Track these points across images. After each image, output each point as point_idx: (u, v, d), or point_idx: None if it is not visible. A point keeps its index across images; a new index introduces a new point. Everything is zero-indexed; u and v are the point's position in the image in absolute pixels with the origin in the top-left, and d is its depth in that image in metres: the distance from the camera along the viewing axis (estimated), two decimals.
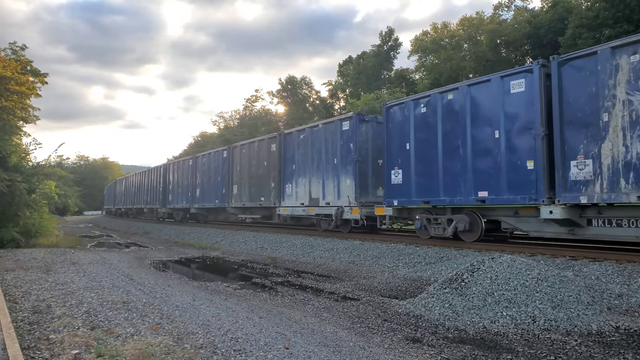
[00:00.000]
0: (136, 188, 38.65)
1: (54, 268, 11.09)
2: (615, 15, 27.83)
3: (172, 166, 30.85)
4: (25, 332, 5.47)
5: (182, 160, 29.58)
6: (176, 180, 29.33)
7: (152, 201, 33.34)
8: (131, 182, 41.27)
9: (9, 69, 17.44)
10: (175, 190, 29.35)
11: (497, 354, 5.06)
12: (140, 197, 36.84)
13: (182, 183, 28.24)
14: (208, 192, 24.66)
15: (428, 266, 10.28)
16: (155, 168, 33.38)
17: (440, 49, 43.61)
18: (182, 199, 28.06)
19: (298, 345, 5.15)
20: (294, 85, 62.14)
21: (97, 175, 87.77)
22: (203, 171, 25.53)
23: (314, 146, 16.48)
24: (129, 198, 41.88)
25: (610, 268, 7.99)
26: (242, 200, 21.18)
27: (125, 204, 43.44)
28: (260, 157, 19.88)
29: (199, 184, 25.93)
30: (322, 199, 15.84)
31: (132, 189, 40.79)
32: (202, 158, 26.19)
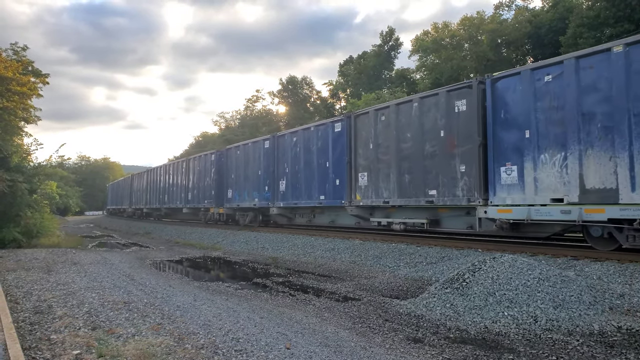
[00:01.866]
0: (167, 183, 31.07)
1: (55, 268, 11.09)
2: (616, 15, 27.80)
3: (234, 152, 22.45)
4: (26, 332, 5.47)
5: (253, 142, 21.04)
6: (241, 171, 21.45)
7: (197, 199, 25.75)
8: (156, 177, 33.60)
9: (10, 70, 17.47)
10: (236, 184, 21.74)
11: (498, 354, 5.05)
12: (175, 194, 29.19)
13: (252, 174, 20.58)
14: (307, 184, 16.74)
15: (429, 266, 10.27)
16: (204, 156, 25.68)
17: (441, 48, 43.59)
18: (252, 195, 20.33)
19: (299, 345, 5.14)
20: (294, 85, 62.16)
21: (99, 175, 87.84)
22: (295, 156, 17.66)
23: None
24: (155, 195, 33.62)
25: (611, 268, 7.98)
26: (381, 195, 13.44)
27: (150, 203, 34.87)
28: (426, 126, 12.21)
29: (287, 172, 18.03)
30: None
31: (159, 185, 32.75)
32: (289, 137, 18.30)
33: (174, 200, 29.51)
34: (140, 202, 37.80)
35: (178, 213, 30.55)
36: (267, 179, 19.16)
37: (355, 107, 34.65)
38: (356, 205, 14.42)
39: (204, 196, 24.81)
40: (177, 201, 28.91)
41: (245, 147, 21.37)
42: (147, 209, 36.48)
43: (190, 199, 26.68)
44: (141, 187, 37.79)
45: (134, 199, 40.21)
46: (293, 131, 18.46)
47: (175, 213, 31.71)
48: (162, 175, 32.26)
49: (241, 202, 21.30)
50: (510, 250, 10.00)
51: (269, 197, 19.02)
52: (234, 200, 21.92)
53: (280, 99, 63.51)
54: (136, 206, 39.35)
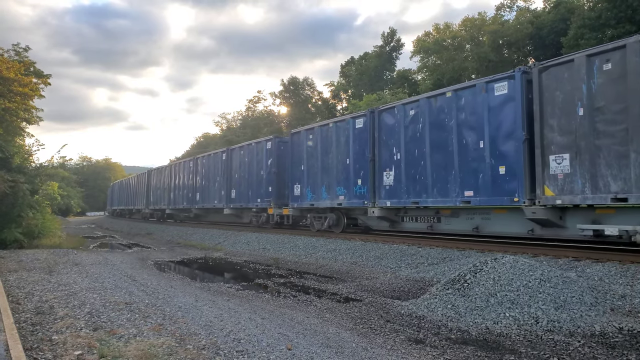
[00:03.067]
0: (199, 179, 26.36)
1: (57, 269, 11.11)
2: (618, 16, 27.79)
3: (304, 137, 17.50)
4: (28, 333, 5.48)
5: (336, 122, 16.09)
6: (316, 161, 16.72)
7: (246, 197, 21.08)
8: (182, 173, 28.87)
9: (12, 71, 17.50)
10: (309, 178, 17.10)
11: (499, 355, 5.04)
12: (212, 192, 24.50)
13: (334, 163, 15.77)
14: (438, 175, 12.08)
15: (430, 267, 10.26)
16: (255, 145, 21.09)
17: (443, 49, 43.60)
18: (335, 190, 15.62)
19: (301, 346, 5.15)
20: (296, 86, 62.23)
21: (100, 176, 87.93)
22: (414, 137, 12.79)
23: None
24: (182, 194, 28.55)
25: (613, 269, 7.97)
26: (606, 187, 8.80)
27: (175, 203, 29.68)
28: None
29: (399, 160, 13.20)
30: None
31: (187, 182, 28.02)
32: (402, 110, 13.21)
33: (209, 199, 24.66)
34: (161, 201, 32.29)
35: (216, 214, 25.95)
36: (362, 170, 14.43)
37: (357, 108, 34.64)
38: (546, 204, 9.52)
39: (257, 194, 20.19)
40: (214, 200, 24.02)
41: (324, 129, 16.43)
42: (171, 210, 30.81)
43: (235, 197, 21.94)
44: (161, 184, 32.53)
45: (153, 199, 34.54)
46: (410, 101, 13.22)
47: (209, 214, 27.12)
48: (191, 170, 27.31)
49: (317, 201, 16.44)
50: (511, 251, 9.99)
51: (363, 193, 14.26)
52: (305, 199, 17.03)
53: (281, 99, 63.60)
54: (156, 206, 33.72)
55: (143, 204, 37.10)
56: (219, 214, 24.87)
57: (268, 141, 20.11)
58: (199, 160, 26.73)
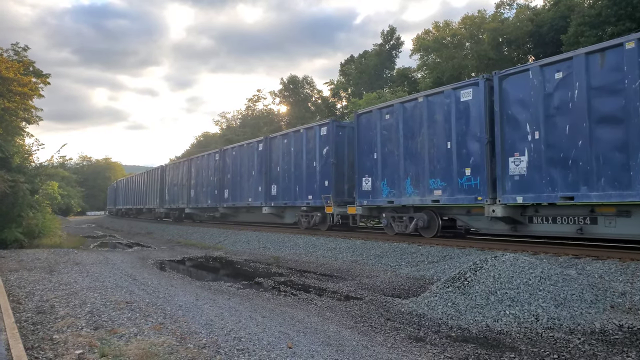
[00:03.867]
0: (228, 174, 23.30)
1: (58, 268, 11.12)
2: (618, 13, 27.77)
3: (375, 118, 14.05)
4: (29, 332, 5.48)
5: (429, 95, 12.59)
6: (395, 147, 13.40)
7: (290, 194, 18.18)
8: (207, 168, 25.67)
9: (11, 70, 17.50)
10: (383, 169, 13.78)
11: (500, 353, 5.05)
12: (246, 188, 21.47)
13: (431, 149, 12.35)
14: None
15: (431, 265, 10.27)
16: (304, 132, 17.80)
17: (442, 47, 43.56)
18: (435, 183, 12.22)
19: (301, 344, 5.15)
20: (295, 84, 62.22)
21: (100, 175, 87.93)
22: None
23: None
24: (207, 191, 25.44)
25: (613, 266, 7.97)
26: None
27: (197, 202, 26.72)
28: None
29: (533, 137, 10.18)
30: None
31: (212, 177, 24.81)
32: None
33: (241, 196, 21.77)
34: (179, 200, 29.18)
35: (249, 214, 22.96)
36: (471, 156, 11.24)
37: (357, 107, 34.68)
38: None
39: (307, 189, 17.16)
40: (248, 198, 21.13)
41: (410, 106, 12.82)
42: (191, 209, 27.68)
43: (277, 193, 18.98)
44: (179, 180, 29.38)
45: (169, 197, 31.15)
46: (558, 60, 9.66)
47: (240, 214, 23.96)
48: (217, 163, 24.37)
49: (397, 197, 12.97)
50: (511, 249, 10.00)
51: (474, 186, 11.11)
52: (378, 194, 13.66)
53: (281, 98, 63.58)
54: (172, 205, 30.41)
55: (156, 202, 33.27)
56: (254, 214, 22.01)
57: (322, 126, 16.81)
58: (227, 152, 23.53)
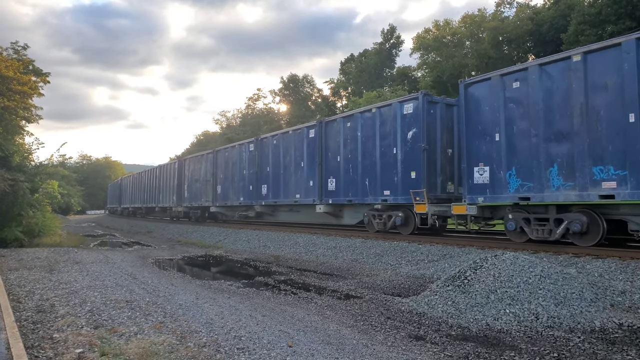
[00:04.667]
0: (268, 166, 19.83)
1: (58, 267, 11.12)
2: (618, 12, 27.72)
3: (487, 88, 11.00)
4: (29, 331, 5.49)
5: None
6: (537, 127, 9.88)
7: (368, 189, 14.48)
8: (242, 161, 22.04)
9: (11, 69, 17.48)
10: (517, 151, 10.34)
11: (500, 351, 5.05)
12: (292, 182, 18.28)
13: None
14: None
15: (431, 264, 10.27)
16: (380, 110, 14.37)
17: (442, 46, 43.51)
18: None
19: (301, 343, 5.15)
20: (296, 83, 62.17)
21: (100, 174, 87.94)
22: None
23: None
24: (239, 186, 22.01)
25: (613, 265, 7.98)
26: None
27: (225, 199, 23.42)
28: None
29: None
30: None
31: (247, 170, 21.44)
32: None
33: (286, 192, 18.49)
34: (201, 197, 25.77)
35: (293, 213, 19.22)
36: None
37: (357, 105, 34.64)
38: None
39: (384, 183, 13.83)
40: (295, 194, 17.94)
41: (565, 66, 9.50)
42: (218, 208, 24.36)
43: (336, 189, 15.76)
44: (201, 175, 26.02)
45: (188, 194, 27.76)
46: None
47: (280, 213, 20.11)
48: (251, 155, 21.09)
49: (535, 192, 9.88)
50: (511, 248, 9.99)
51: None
52: (503, 188, 10.49)
53: (281, 97, 63.54)
54: (193, 203, 27.02)
55: (172, 200, 29.63)
56: (300, 213, 18.64)
57: (406, 102, 13.23)
58: (266, 142, 20.15)
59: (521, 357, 4.87)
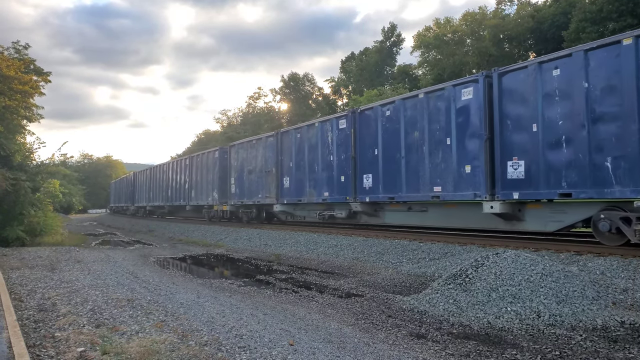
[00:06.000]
0: (369, 151, 14.38)
1: (59, 266, 11.13)
2: (619, 9, 27.68)
3: None
4: (30, 330, 5.49)
5: None
6: None
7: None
8: (306, 143, 17.45)
9: (12, 69, 17.48)
10: None
11: (501, 350, 5.05)
12: (421, 171, 12.28)
13: None
14: None
15: (432, 262, 10.26)
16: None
17: (443, 44, 43.47)
18: None
19: (302, 341, 5.15)
20: (296, 82, 62.12)
21: (101, 173, 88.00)
22: None
23: None
24: (314, 179, 16.89)
25: (615, 263, 7.96)
26: None
27: (292, 195, 18.18)
28: None
29: None
30: None
31: (317, 158, 16.70)
32: None
33: (415, 184, 12.65)
34: (260, 192, 20.20)
35: (419, 215, 13.44)
36: None
37: (358, 104, 34.60)
38: None
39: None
40: (431, 186, 12.13)
41: None
42: (286, 206, 18.84)
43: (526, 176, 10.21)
44: (257, 165, 20.56)
45: (238, 189, 22.10)
46: None
47: (388, 214, 14.61)
48: (345, 135, 15.33)
49: None
50: (512, 246, 9.98)
51: None
52: None
53: (282, 95, 63.50)
54: (245, 200, 21.54)
55: (212, 197, 24.56)
56: (444, 214, 12.79)
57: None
58: (370, 114, 14.41)
59: (523, 356, 4.86)
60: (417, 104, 12.66)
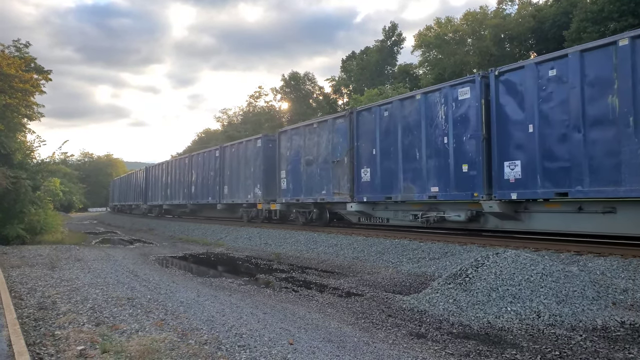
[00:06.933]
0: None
1: (59, 264, 11.14)
2: (621, 9, 27.63)
3: None
4: (30, 328, 5.49)
5: None
6: None
7: None
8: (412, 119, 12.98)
9: (13, 67, 17.47)
10: None
11: (501, 350, 5.04)
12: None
13: None
14: None
15: (432, 262, 10.26)
16: None
17: (444, 43, 43.44)
18: None
19: (302, 340, 5.15)
20: (297, 81, 62.08)
21: (102, 172, 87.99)
22: None
23: None
24: (448, 167, 11.80)
25: (615, 263, 7.96)
26: None
27: (385, 189, 13.68)
28: None
29: None
30: None
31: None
32: None
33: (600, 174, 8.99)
34: (323, 187, 16.44)
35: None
36: None
37: (358, 103, 34.56)
38: None
39: None
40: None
41: None
42: (364, 205, 14.91)
43: None
44: (320, 154, 16.69)
45: (292, 185, 18.18)
46: None
47: (536, 217, 10.81)
48: (477, 110, 11.27)
49: None
50: (513, 246, 9.98)
51: None
52: None
53: (282, 95, 63.47)
54: (301, 198, 17.65)
55: (253, 194, 20.89)
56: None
57: None
58: (519, 75, 10.53)
59: (523, 355, 4.86)
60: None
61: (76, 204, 63.68)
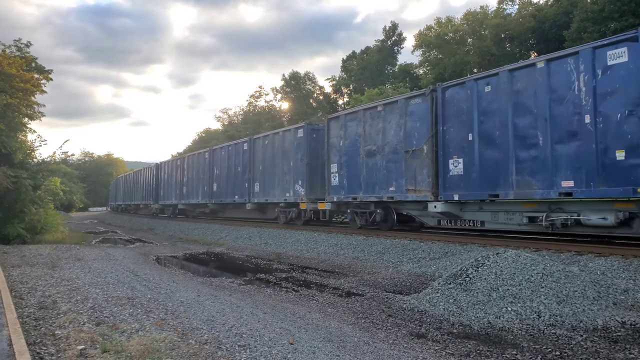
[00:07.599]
0: None
1: (60, 264, 11.14)
2: (621, 9, 27.60)
3: None
4: (31, 327, 5.49)
5: None
6: None
7: None
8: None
9: (14, 67, 17.47)
10: None
11: (502, 350, 5.04)
12: None
13: None
14: None
15: (432, 261, 10.26)
16: None
17: (444, 43, 43.42)
18: None
19: (302, 340, 5.15)
20: (297, 80, 62.06)
21: (102, 171, 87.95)
22: None
23: None
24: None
25: (616, 263, 7.95)
26: None
27: (506, 184, 10.51)
28: None
29: None
30: None
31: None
32: None
33: None
34: (390, 184, 13.61)
35: None
36: None
37: (358, 103, 34.51)
38: None
39: None
40: None
41: None
42: (453, 206, 11.95)
43: None
44: (388, 142, 13.78)
45: (347, 180, 15.40)
46: None
47: None
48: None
49: None
50: (513, 246, 9.97)
51: None
52: None
53: (283, 94, 63.45)
54: (359, 196, 14.73)
55: (292, 192, 18.36)
56: None
57: None
58: None
59: (523, 356, 4.86)
60: None
61: (76, 203, 63.65)
